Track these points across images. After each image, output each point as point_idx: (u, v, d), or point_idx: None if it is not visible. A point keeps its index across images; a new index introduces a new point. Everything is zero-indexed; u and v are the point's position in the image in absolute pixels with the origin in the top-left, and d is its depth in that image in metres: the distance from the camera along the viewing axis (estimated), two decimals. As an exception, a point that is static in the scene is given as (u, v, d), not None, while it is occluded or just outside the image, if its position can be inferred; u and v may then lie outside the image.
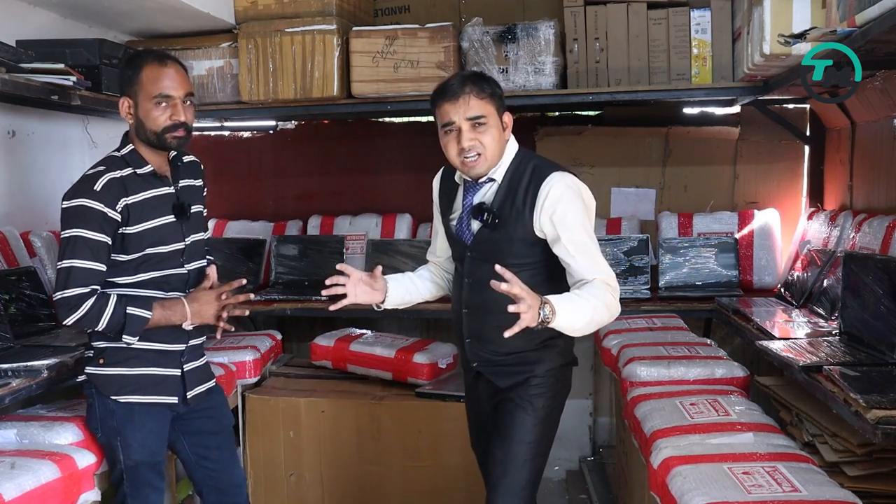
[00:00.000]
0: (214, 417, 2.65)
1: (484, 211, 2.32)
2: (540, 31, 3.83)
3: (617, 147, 4.54)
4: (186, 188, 2.56)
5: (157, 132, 2.39)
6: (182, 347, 2.52)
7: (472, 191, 2.39)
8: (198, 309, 2.46)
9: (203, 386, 2.61)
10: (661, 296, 3.99)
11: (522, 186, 2.30)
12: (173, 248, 2.47)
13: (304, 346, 4.19)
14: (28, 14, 3.52)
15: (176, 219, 2.47)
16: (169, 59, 2.42)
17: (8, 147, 3.53)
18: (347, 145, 4.93)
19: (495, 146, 2.29)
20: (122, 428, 2.44)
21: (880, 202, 3.49)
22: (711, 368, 2.94)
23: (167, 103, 2.38)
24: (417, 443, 3.50)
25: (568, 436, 4.56)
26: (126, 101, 2.43)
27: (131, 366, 2.44)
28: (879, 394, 2.06)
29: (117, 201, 2.35)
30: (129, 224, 2.37)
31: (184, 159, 2.59)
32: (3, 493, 2.05)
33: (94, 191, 2.34)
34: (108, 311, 2.33)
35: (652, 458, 2.30)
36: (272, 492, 3.63)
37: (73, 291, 2.30)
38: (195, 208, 2.56)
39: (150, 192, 2.44)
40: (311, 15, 3.92)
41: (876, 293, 2.55)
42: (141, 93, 2.39)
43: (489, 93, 2.27)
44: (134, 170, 2.42)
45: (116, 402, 2.44)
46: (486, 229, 2.33)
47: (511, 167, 2.35)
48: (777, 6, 2.84)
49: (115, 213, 2.35)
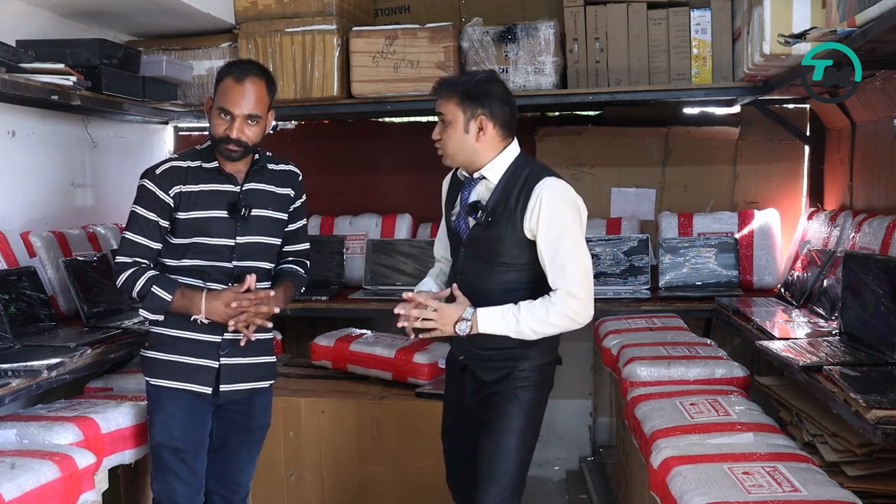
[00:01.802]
0: (248, 415, 2.70)
1: (478, 209, 2.40)
2: (540, 31, 3.83)
3: (617, 147, 4.54)
4: (257, 191, 2.61)
5: (215, 139, 2.54)
6: (218, 339, 2.57)
7: (468, 187, 2.48)
8: (212, 306, 2.50)
9: (246, 384, 2.65)
10: (661, 296, 3.99)
11: (517, 189, 2.37)
12: (221, 242, 2.56)
13: (304, 346, 4.19)
14: (28, 14, 3.52)
15: (229, 215, 2.56)
16: (249, 76, 2.51)
17: (8, 147, 3.53)
18: (347, 145, 4.93)
19: (454, 144, 2.40)
20: (152, 407, 2.61)
21: (880, 202, 3.49)
22: (711, 368, 2.94)
23: (227, 118, 2.49)
24: (417, 443, 3.49)
25: (568, 436, 4.57)
26: (209, 100, 2.59)
27: (166, 352, 2.57)
28: (879, 394, 2.06)
29: (172, 187, 2.53)
30: (179, 210, 2.54)
31: (273, 166, 2.67)
32: (3, 493, 2.05)
33: (155, 174, 2.55)
34: (139, 284, 2.50)
35: (652, 458, 2.30)
36: (272, 492, 3.63)
37: (120, 259, 2.54)
38: (262, 212, 2.61)
39: (210, 185, 2.56)
40: (311, 15, 3.93)
41: (876, 293, 2.55)
42: (216, 98, 2.54)
43: (459, 93, 2.37)
44: (202, 163, 2.57)
45: (149, 384, 2.60)
46: (479, 227, 2.41)
47: (508, 170, 2.42)
48: (777, 6, 2.84)
49: (168, 198, 2.53)
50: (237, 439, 2.70)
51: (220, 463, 2.71)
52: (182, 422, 2.57)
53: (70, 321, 3.35)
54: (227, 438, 2.69)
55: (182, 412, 2.57)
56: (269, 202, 2.64)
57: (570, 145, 4.54)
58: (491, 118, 2.38)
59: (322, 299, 4.13)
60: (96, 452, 2.50)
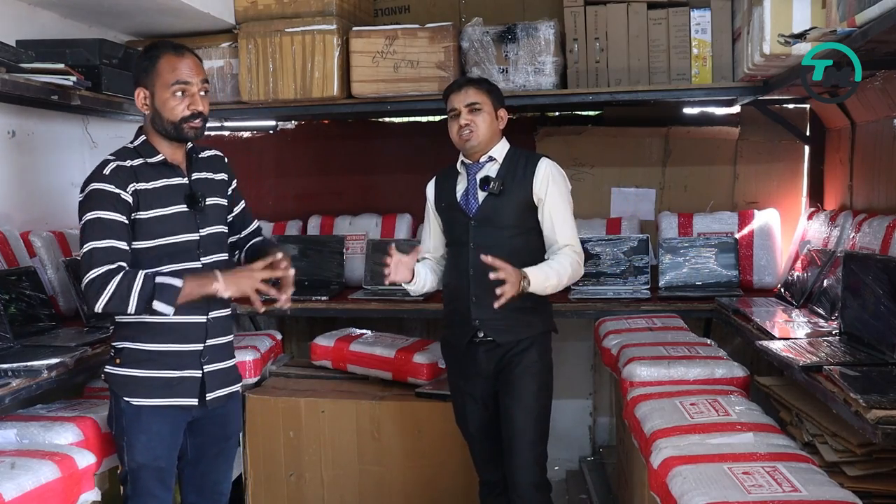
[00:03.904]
0: (223, 425, 2.60)
1: (490, 181, 2.81)
2: (540, 31, 3.83)
3: (617, 147, 4.54)
4: (203, 181, 2.53)
5: (174, 122, 2.39)
6: (200, 347, 2.46)
7: (476, 168, 2.87)
8: (234, 279, 2.37)
9: (225, 389, 2.54)
10: (661, 296, 3.99)
11: (521, 164, 2.84)
12: (187, 238, 2.43)
13: (304, 346, 4.20)
14: (28, 14, 3.52)
15: (188, 208, 2.44)
16: (185, 49, 2.43)
17: (8, 147, 3.53)
18: (347, 145, 4.93)
19: (486, 128, 2.81)
20: (129, 428, 2.42)
21: (880, 202, 3.49)
22: (711, 368, 2.94)
23: (184, 92, 2.38)
24: (417, 443, 3.50)
25: (568, 436, 4.57)
26: (142, 91, 2.42)
27: (146, 367, 2.41)
28: (879, 394, 2.05)
29: (127, 184, 2.35)
30: (139, 209, 2.36)
31: (203, 153, 2.59)
32: (3, 493, 2.05)
33: (104, 175, 2.34)
34: (137, 285, 2.27)
35: (652, 458, 2.30)
36: (272, 492, 3.63)
37: (98, 271, 2.26)
38: (213, 201, 2.53)
39: (161, 181, 2.42)
40: (311, 15, 3.92)
41: (876, 293, 2.55)
42: (158, 82, 2.38)
43: (486, 88, 2.85)
44: (145, 159, 2.41)
45: (127, 403, 2.42)
46: (492, 196, 2.80)
47: (509, 153, 2.88)
48: (777, 6, 2.84)
49: (128, 196, 2.34)
50: (214, 450, 2.60)
51: (199, 476, 2.60)
52: (166, 440, 2.45)
53: (70, 321, 3.35)
54: (204, 451, 2.58)
55: (166, 430, 2.44)
56: (214, 190, 2.55)
57: (570, 145, 4.54)
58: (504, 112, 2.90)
59: (322, 299, 4.13)
60: (96, 452, 2.50)
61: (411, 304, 4.04)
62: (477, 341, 2.82)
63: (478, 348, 2.83)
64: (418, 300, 4.04)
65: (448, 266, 2.95)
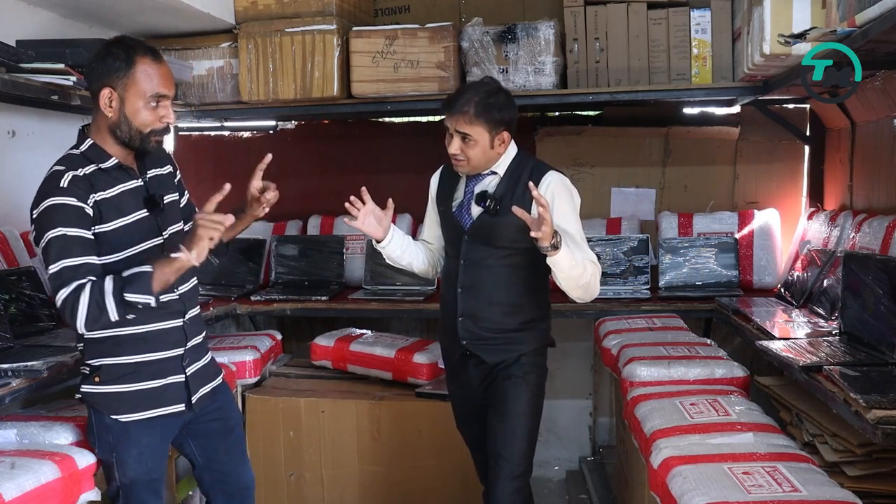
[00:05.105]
0: (222, 419, 2.55)
1: (487, 198, 2.61)
2: (540, 31, 3.83)
3: (617, 147, 4.54)
4: (155, 178, 2.40)
5: (143, 133, 2.26)
6: (181, 351, 2.39)
7: (475, 181, 2.67)
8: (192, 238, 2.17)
9: (208, 386, 2.49)
10: (661, 296, 3.99)
11: (524, 179, 2.59)
12: (151, 243, 2.32)
13: (304, 346, 4.19)
14: (28, 14, 3.52)
15: (149, 212, 2.33)
16: (160, 55, 2.30)
17: (8, 147, 3.53)
18: (347, 145, 4.93)
19: (480, 157, 2.58)
20: (117, 444, 2.33)
21: (880, 202, 3.49)
22: (711, 368, 2.94)
23: (161, 104, 2.26)
24: (417, 443, 3.50)
25: (568, 436, 4.57)
26: (110, 92, 2.23)
27: (128, 382, 2.31)
28: (879, 394, 2.06)
29: (87, 196, 2.19)
30: (102, 222, 2.22)
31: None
32: (3, 493, 2.05)
33: (62, 188, 2.17)
34: (108, 287, 2.13)
35: (652, 458, 2.30)
36: (272, 492, 3.63)
37: (67, 289, 2.12)
38: (169, 198, 2.42)
39: (119, 187, 2.28)
40: (311, 15, 3.92)
41: (876, 293, 2.55)
42: (133, 89, 2.22)
43: (483, 117, 2.53)
44: (97, 165, 2.26)
45: (114, 420, 2.33)
46: (487, 214, 2.61)
47: (512, 164, 2.65)
48: (777, 6, 2.84)
49: (89, 208, 2.19)
50: (223, 446, 2.55)
51: (220, 478, 2.56)
52: (157, 452, 2.39)
53: (70, 321, 3.34)
54: (214, 450, 2.54)
55: (157, 441, 2.38)
56: (167, 186, 2.43)
57: (570, 145, 4.54)
58: (509, 130, 2.61)
59: (322, 299, 4.13)
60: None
61: (411, 304, 4.04)
62: (468, 354, 2.70)
63: (468, 361, 2.71)
64: (418, 300, 4.04)
65: (444, 271, 2.83)
